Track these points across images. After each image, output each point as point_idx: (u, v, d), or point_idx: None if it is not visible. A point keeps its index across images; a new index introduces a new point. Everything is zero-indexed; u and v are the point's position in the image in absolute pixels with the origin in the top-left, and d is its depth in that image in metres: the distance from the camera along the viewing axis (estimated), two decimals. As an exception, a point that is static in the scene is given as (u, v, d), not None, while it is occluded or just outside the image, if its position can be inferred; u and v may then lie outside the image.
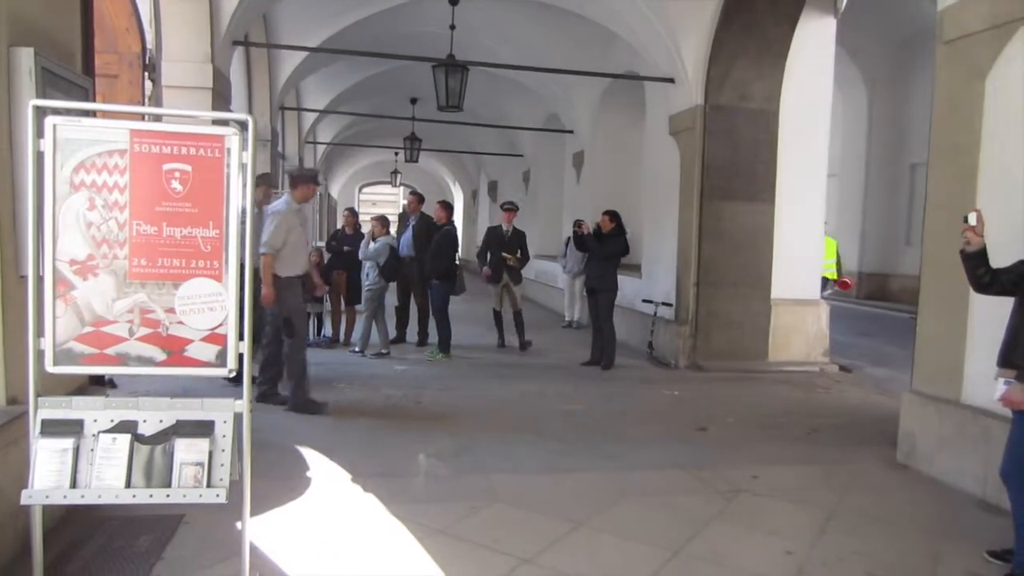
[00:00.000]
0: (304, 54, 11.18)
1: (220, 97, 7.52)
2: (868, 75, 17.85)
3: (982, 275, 3.61)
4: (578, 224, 8.92)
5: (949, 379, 4.83)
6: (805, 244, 9.03)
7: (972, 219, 3.58)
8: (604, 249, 8.37)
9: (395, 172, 25.61)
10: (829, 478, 4.81)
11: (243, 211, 2.84)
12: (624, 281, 10.59)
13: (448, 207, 9.34)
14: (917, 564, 3.62)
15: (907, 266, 16.49)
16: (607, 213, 8.64)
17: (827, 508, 4.27)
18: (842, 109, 17.42)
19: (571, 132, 13.93)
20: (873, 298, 17.70)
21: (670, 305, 9.01)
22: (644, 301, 9.75)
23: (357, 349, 8.84)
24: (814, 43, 8.86)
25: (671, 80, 8.90)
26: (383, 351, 8.77)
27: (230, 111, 8.17)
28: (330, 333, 9.62)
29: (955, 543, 3.86)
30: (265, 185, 7.09)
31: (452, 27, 10.15)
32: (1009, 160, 4.44)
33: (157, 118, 4.89)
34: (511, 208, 9.87)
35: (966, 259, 3.65)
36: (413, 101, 16.37)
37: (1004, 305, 3.62)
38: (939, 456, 4.86)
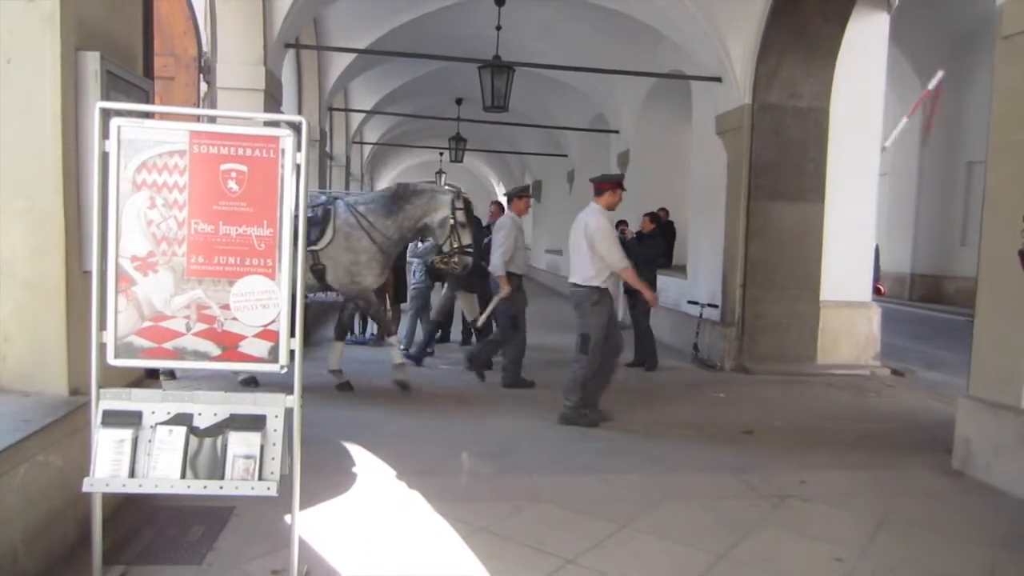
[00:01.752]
0: (353, 56, 11.34)
1: (271, 99, 7.68)
2: (922, 72, 17.40)
3: None
4: (620, 228, 8.88)
5: (1008, 384, 4.69)
6: (855, 245, 8.86)
7: None
8: (645, 251, 8.34)
9: (440, 172, 25.80)
10: (880, 484, 4.71)
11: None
12: (669, 282, 10.53)
13: (503, 207, 9.39)
14: (972, 574, 3.53)
15: (963, 267, 16.04)
16: (648, 215, 8.61)
17: (878, 515, 4.17)
18: (896, 106, 17.01)
19: (616, 132, 13.87)
20: (927, 300, 17.26)
21: (716, 306, 8.91)
22: (689, 302, 9.65)
23: (402, 347, 8.92)
24: (866, 39, 8.69)
25: (718, 79, 8.81)
26: (428, 350, 8.85)
27: (281, 112, 8.34)
28: (376, 332, 9.72)
29: (1012, 552, 3.75)
30: (527, 197, 7.84)
31: (498, 28, 10.20)
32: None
33: (212, 119, 5.02)
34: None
35: None
36: (459, 102, 16.46)
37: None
38: (996, 463, 4.72)
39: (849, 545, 3.77)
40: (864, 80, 8.75)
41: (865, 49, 8.69)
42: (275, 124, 3.23)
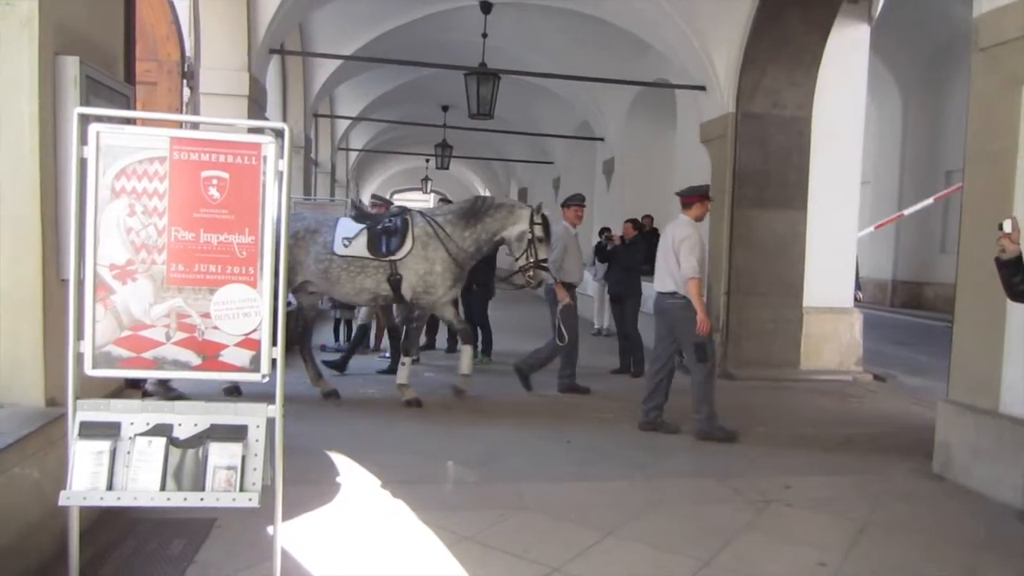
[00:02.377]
0: (338, 62, 11.32)
1: (256, 105, 7.65)
2: (903, 82, 17.63)
3: (1017, 283, 3.53)
4: (604, 235, 8.92)
5: (986, 389, 4.74)
6: (838, 252, 8.93)
7: (1007, 226, 3.51)
8: (628, 258, 8.37)
9: (426, 179, 25.81)
10: (863, 489, 4.73)
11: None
12: (653, 288, 10.54)
13: None
14: (954, 578, 3.55)
15: (942, 274, 16.20)
16: (630, 221, 8.65)
17: (861, 519, 4.20)
18: (876, 116, 17.20)
19: (601, 139, 13.92)
20: (908, 306, 17.43)
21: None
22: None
23: (388, 355, 8.88)
24: (847, 50, 8.78)
25: (702, 88, 8.86)
26: (413, 358, 8.79)
27: (266, 118, 8.30)
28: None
29: (993, 555, 3.78)
30: (576, 206, 7.83)
31: (484, 35, 10.22)
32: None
33: (195, 126, 4.99)
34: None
35: (1001, 267, 3.58)
36: (445, 108, 16.48)
37: (1044, 315, 3.55)
38: (976, 467, 4.76)
39: (832, 550, 3.79)
40: (846, 90, 8.84)
41: (846, 60, 8.78)
42: (259, 131, 3.20)
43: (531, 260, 6.54)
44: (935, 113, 17.24)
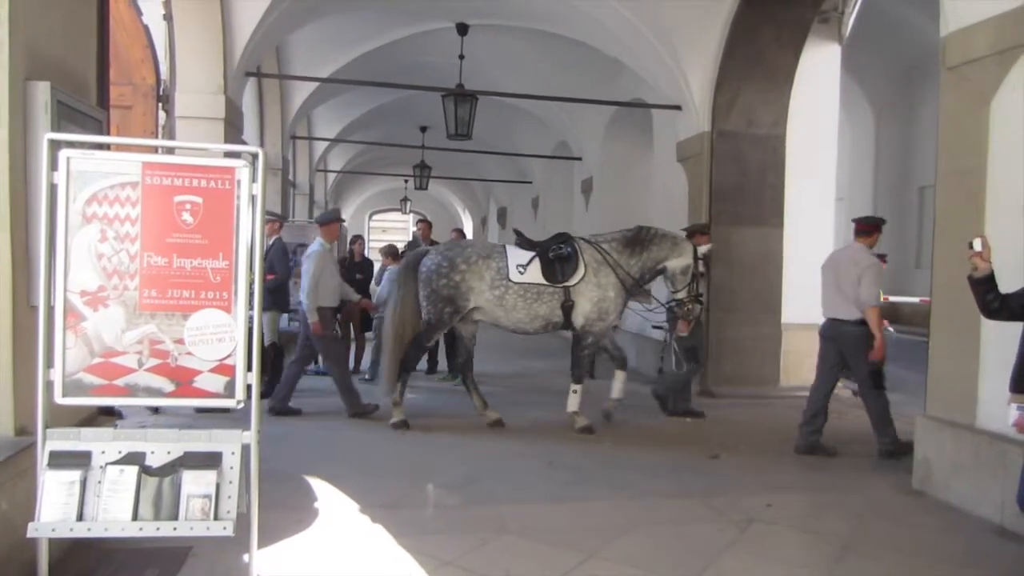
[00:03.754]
0: (316, 84, 11.32)
1: (232, 128, 7.61)
2: (874, 100, 17.92)
3: (991, 301, 3.56)
4: None
5: (963, 404, 4.77)
6: (815, 269, 8.98)
7: (977, 245, 3.53)
8: None
9: (405, 199, 25.75)
10: (844, 506, 4.74)
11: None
12: (634, 306, 10.56)
13: (464, 235, 9.41)
14: (935, 595, 3.56)
15: (918, 290, 16.37)
16: None
17: (842, 536, 4.20)
18: (849, 134, 17.47)
19: (579, 159, 14.00)
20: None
21: (680, 331, 8.96)
22: (654, 327, 9.70)
23: (367, 377, 8.82)
24: (820, 69, 8.93)
25: (678, 107, 8.95)
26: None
27: (243, 141, 8.27)
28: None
29: (972, 570, 3.80)
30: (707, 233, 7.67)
31: (461, 57, 10.28)
32: (1015, 184, 4.42)
33: (170, 150, 4.95)
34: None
35: (974, 285, 3.60)
36: (423, 129, 16.50)
37: (1017, 327, 3.58)
38: (955, 482, 4.78)
39: (816, 568, 3.79)
40: (819, 108, 8.98)
41: (819, 78, 8.92)
42: (235, 155, 3.18)
43: (692, 294, 6.67)
44: (907, 130, 17.53)
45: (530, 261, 6.47)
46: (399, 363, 6.61)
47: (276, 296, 7.99)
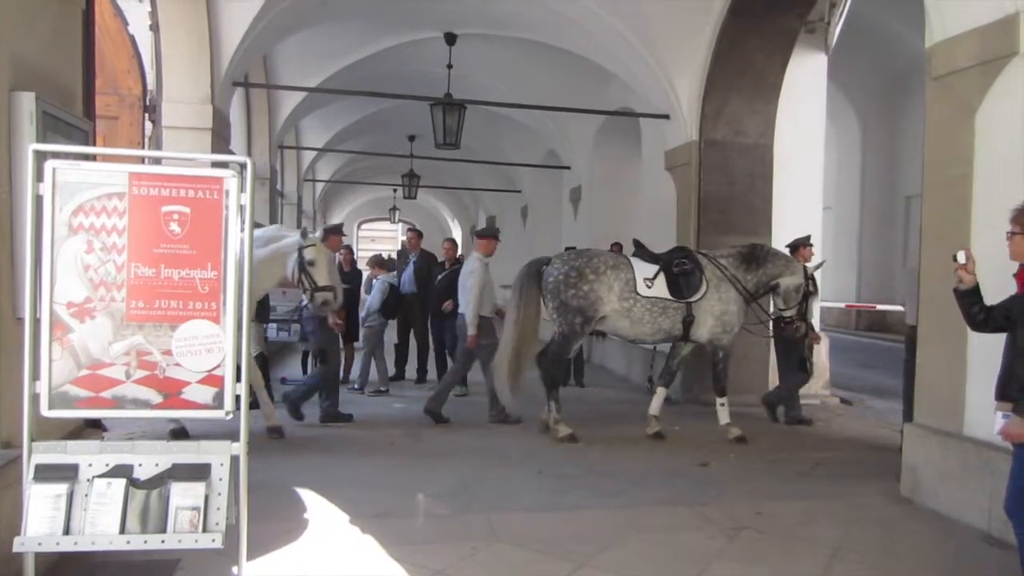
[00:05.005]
0: (303, 94, 11.31)
1: (220, 138, 7.58)
2: (861, 109, 18.08)
3: (976, 313, 3.57)
4: None
5: (950, 412, 4.80)
6: (803, 277, 9.04)
7: (961, 258, 3.53)
8: None
9: (394, 209, 25.73)
10: (833, 513, 4.75)
11: None
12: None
13: (456, 244, 9.44)
14: (925, 602, 3.57)
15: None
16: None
17: (832, 544, 4.21)
18: (836, 143, 17.59)
19: (568, 168, 14.03)
20: (872, 330, 17.68)
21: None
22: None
23: (356, 386, 8.79)
24: (806, 79, 9.00)
25: (666, 116, 9.00)
26: (382, 388, 8.73)
27: (230, 151, 8.24)
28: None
29: (962, 580, 3.81)
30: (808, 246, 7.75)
31: (449, 66, 10.30)
32: (1001, 195, 4.46)
33: (157, 160, 4.93)
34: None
35: (960, 297, 3.60)
36: (411, 139, 16.50)
37: (1002, 336, 3.60)
38: (942, 490, 4.81)
39: (804, 575, 3.79)
40: (806, 117, 9.05)
41: (805, 88, 8.99)
42: (224, 164, 3.17)
43: (801, 311, 6.89)
44: (893, 139, 17.69)
45: (656, 275, 6.55)
46: (519, 377, 6.71)
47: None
